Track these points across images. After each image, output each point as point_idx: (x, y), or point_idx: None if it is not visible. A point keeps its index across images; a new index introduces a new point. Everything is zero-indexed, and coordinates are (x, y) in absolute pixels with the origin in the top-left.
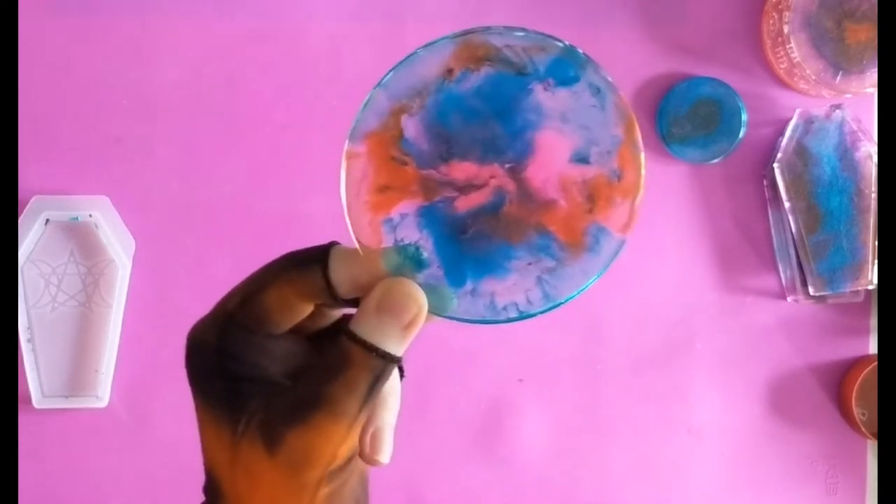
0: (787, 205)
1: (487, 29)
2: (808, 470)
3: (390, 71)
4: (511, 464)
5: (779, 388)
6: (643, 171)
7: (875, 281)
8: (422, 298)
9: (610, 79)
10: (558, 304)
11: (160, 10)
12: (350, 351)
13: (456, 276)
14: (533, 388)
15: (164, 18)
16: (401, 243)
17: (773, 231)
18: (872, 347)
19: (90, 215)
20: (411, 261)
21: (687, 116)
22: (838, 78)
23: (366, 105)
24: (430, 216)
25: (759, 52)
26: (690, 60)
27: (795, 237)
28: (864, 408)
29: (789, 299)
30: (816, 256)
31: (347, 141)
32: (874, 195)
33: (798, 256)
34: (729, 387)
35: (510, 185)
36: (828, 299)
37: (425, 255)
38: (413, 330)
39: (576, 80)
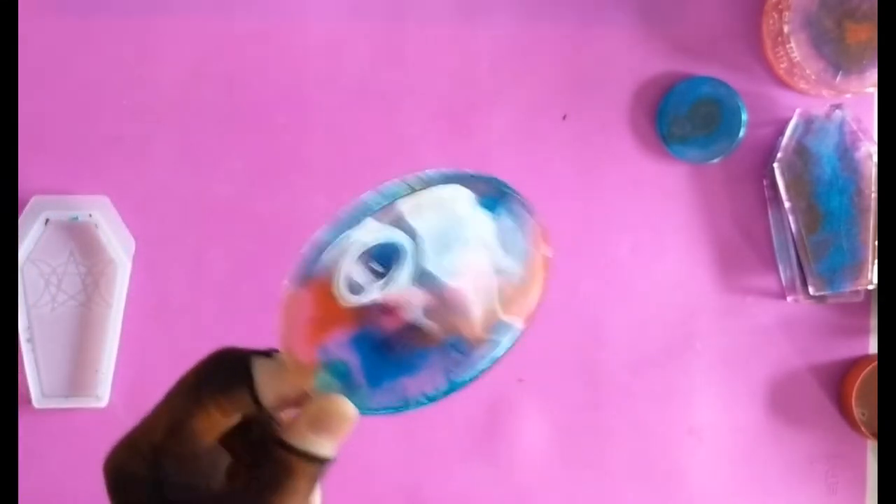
0: (787, 205)
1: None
2: (808, 470)
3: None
4: (511, 464)
5: (779, 388)
6: (544, 273)
7: (875, 281)
8: (353, 413)
9: (528, 207)
10: (461, 385)
11: (160, 9)
12: (289, 461)
13: (375, 380)
14: (533, 388)
15: (164, 18)
16: (330, 361)
17: (773, 231)
18: (872, 347)
19: (90, 215)
20: (340, 378)
21: (687, 116)
22: (838, 78)
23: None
24: (360, 340)
25: (759, 52)
26: (690, 60)
27: (795, 237)
28: (864, 408)
29: (789, 299)
30: (816, 256)
31: (290, 283)
32: (874, 195)
33: (798, 256)
34: (729, 387)
35: (434, 301)
36: (828, 299)
37: (352, 371)
38: (344, 436)
39: (497, 206)
